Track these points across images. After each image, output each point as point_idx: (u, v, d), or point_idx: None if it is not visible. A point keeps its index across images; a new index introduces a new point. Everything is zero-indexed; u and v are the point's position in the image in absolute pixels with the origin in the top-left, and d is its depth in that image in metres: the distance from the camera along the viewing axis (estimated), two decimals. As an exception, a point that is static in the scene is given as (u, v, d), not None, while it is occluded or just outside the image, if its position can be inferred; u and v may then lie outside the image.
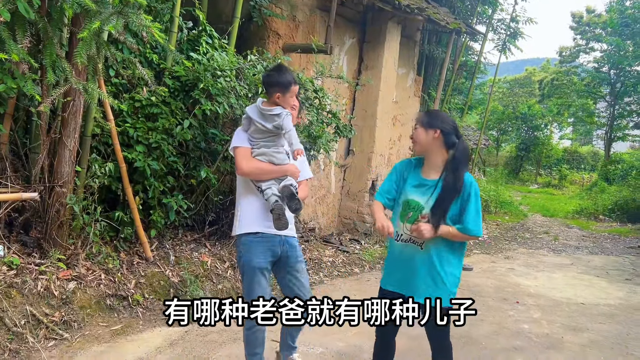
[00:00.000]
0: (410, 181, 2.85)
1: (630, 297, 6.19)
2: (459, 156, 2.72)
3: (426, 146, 2.79)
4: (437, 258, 2.74)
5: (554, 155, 27.60)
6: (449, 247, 2.77)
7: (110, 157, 4.67)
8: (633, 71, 23.18)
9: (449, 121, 2.79)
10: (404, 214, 2.81)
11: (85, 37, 3.23)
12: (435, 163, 2.79)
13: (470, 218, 2.69)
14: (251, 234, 3.01)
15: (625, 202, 14.18)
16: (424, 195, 2.76)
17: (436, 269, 2.74)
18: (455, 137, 2.75)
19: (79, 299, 4.12)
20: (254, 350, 3.16)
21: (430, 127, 2.76)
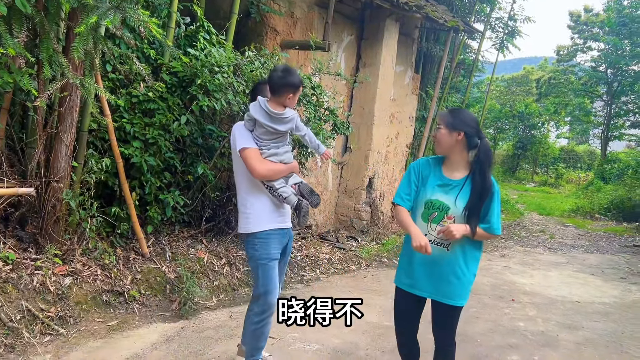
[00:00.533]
0: (432, 181, 2.81)
1: (625, 295, 6.21)
2: (483, 157, 2.71)
3: (449, 148, 2.77)
4: (463, 258, 2.75)
5: (551, 154, 27.62)
6: (473, 246, 2.78)
7: (107, 153, 4.65)
8: (630, 70, 23.19)
9: (472, 122, 2.74)
10: (428, 213, 2.77)
11: (82, 31, 3.21)
12: (458, 163, 2.78)
13: (495, 218, 2.72)
14: (269, 230, 3.15)
15: (621, 201, 14.21)
16: (448, 195, 2.74)
17: (462, 268, 2.76)
18: (478, 138, 2.73)
19: (75, 295, 4.11)
20: (260, 344, 3.31)
21: (454, 129, 2.72)
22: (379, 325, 4.57)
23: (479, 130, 2.75)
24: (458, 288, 2.76)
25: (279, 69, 3.10)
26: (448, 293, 2.76)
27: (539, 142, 26.16)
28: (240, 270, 5.42)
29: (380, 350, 4.05)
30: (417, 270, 2.82)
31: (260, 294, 3.17)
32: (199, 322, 4.37)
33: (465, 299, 2.81)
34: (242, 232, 3.21)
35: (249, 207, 3.17)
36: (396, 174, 9.80)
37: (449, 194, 2.73)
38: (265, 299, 3.17)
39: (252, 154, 3.06)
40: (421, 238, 2.65)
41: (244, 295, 5.13)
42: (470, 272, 2.79)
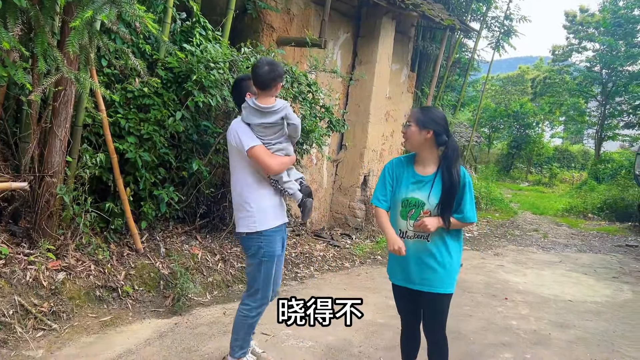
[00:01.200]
0: (406, 179, 2.92)
1: (617, 294, 6.25)
2: (451, 154, 2.82)
3: (418, 145, 2.89)
4: (445, 247, 2.88)
5: (545, 153, 27.72)
6: (451, 235, 2.90)
7: (102, 148, 4.64)
8: (624, 71, 23.30)
9: (441, 121, 2.85)
10: (406, 211, 2.89)
11: (77, 26, 3.20)
12: (428, 159, 2.90)
13: (467, 207, 2.84)
14: (275, 227, 3.19)
15: (614, 201, 14.28)
16: (422, 190, 2.86)
17: (445, 257, 2.87)
18: (446, 135, 2.84)
19: (68, 290, 4.10)
20: (250, 336, 3.42)
21: (424, 127, 2.83)
22: (373, 323, 4.58)
23: (447, 129, 2.87)
24: (443, 276, 2.87)
25: (264, 64, 3.09)
26: (434, 282, 2.87)
27: (533, 142, 26.24)
28: (234, 267, 5.42)
29: (373, 347, 4.06)
30: (405, 266, 2.94)
31: (260, 289, 3.23)
32: (192, 318, 4.37)
33: (452, 287, 2.91)
34: (246, 231, 3.16)
35: (252, 204, 3.15)
36: (391, 172, 9.80)
37: (422, 190, 2.86)
38: (264, 294, 3.25)
39: (262, 151, 3.08)
40: (396, 242, 2.80)
41: (237, 291, 5.13)
42: (454, 261, 2.91)
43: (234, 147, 3.16)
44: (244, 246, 3.27)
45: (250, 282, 3.29)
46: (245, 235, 3.18)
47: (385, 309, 5.01)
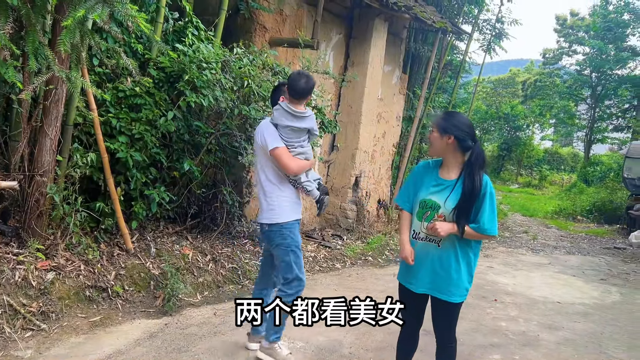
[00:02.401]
0: (427, 182, 2.92)
1: (605, 296, 6.31)
2: (474, 161, 2.78)
3: (441, 150, 2.86)
4: (454, 255, 2.83)
5: (535, 155, 27.93)
6: (466, 245, 2.85)
7: (92, 147, 4.61)
8: (614, 75, 23.56)
9: (464, 126, 2.80)
10: (422, 212, 2.88)
11: (69, 25, 3.18)
12: (452, 164, 2.86)
13: (486, 218, 2.75)
14: (293, 220, 3.52)
15: (603, 204, 14.43)
16: (441, 194, 2.83)
17: (452, 265, 2.83)
18: (471, 141, 2.79)
19: (58, 290, 4.07)
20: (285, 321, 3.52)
21: (445, 132, 2.80)
22: (363, 324, 4.58)
23: (472, 134, 2.81)
24: (450, 284, 2.83)
25: (302, 76, 3.46)
26: (441, 288, 2.85)
27: (523, 144, 26.44)
28: (225, 268, 5.41)
29: (364, 348, 4.07)
30: (414, 266, 2.92)
31: (295, 277, 3.49)
32: (182, 318, 4.35)
33: (460, 296, 2.87)
34: (268, 222, 3.48)
35: (275, 199, 3.49)
36: (382, 173, 9.84)
37: (441, 194, 2.82)
38: (300, 281, 3.52)
39: (283, 153, 3.41)
40: (405, 250, 2.90)
41: (228, 292, 5.13)
42: (464, 271, 2.85)
43: (259, 145, 3.49)
44: (267, 238, 3.56)
45: (285, 274, 3.53)
46: (267, 226, 3.50)
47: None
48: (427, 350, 3.56)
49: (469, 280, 2.89)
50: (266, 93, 5.29)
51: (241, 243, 6.00)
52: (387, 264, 7.24)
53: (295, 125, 3.43)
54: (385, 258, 7.58)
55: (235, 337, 4.04)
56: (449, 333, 2.98)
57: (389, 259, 7.58)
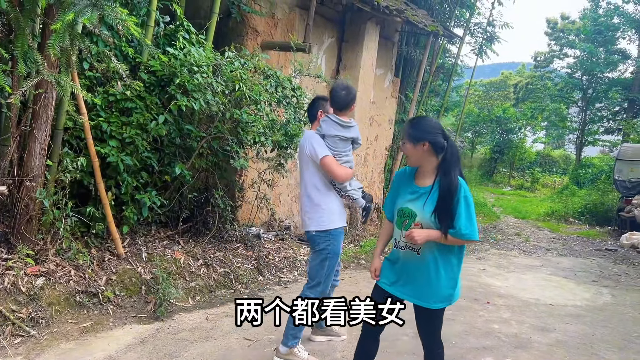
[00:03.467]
0: (404, 190, 2.88)
1: (597, 298, 6.34)
2: (449, 158, 2.71)
3: (418, 160, 2.80)
4: (434, 262, 2.77)
5: (527, 158, 28.05)
6: (446, 250, 2.79)
7: (83, 152, 4.59)
8: (604, 78, 23.74)
9: (435, 129, 2.74)
10: (400, 221, 2.85)
11: (58, 28, 3.16)
12: (427, 170, 2.80)
13: (462, 222, 2.67)
14: (340, 227, 3.69)
15: (594, 206, 14.50)
16: (417, 202, 2.77)
17: (431, 272, 2.78)
18: (444, 139, 2.73)
19: (48, 296, 4.04)
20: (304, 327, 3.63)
21: (418, 141, 2.73)
22: (356, 327, 4.57)
23: (444, 133, 2.75)
24: (430, 291, 2.79)
25: (341, 88, 3.61)
26: (421, 295, 2.82)
27: (515, 147, 26.54)
28: (217, 272, 5.39)
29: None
30: (393, 273, 2.91)
31: (320, 282, 3.65)
32: (174, 323, 4.33)
33: (441, 302, 2.82)
34: (316, 229, 3.62)
35: (323, 206, 3.64)
36: (375, 176, 9.85)
37: (417, 202, 2.77)
38: (323, 288, 3.69)
39: (332, 161, 3.58)
40: (373, 263, 3.06)
41: (220, 296, 5.10)
42: (446, 276, 2.79)
43: (307, 155, 3.64)
44: (313, 242, 3.70)
45: (312, 276, 3.69)
46: (314, 233, 3.65)
47: (368, 313, 5.01)
48: (419, 353, 3.55)
49: (451, 286, 2.82)
50: (257, 96, 5.28)
51: (233, 247, 5.97)
52: (380, 267, 7.22)
53: (343, 134, 3.61)
54: (378, 261, 7.57)
55: (227, 342, 4.02)
56: (432, 339, 2.96)
57: (382, 262, 7.57)
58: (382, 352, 4.04)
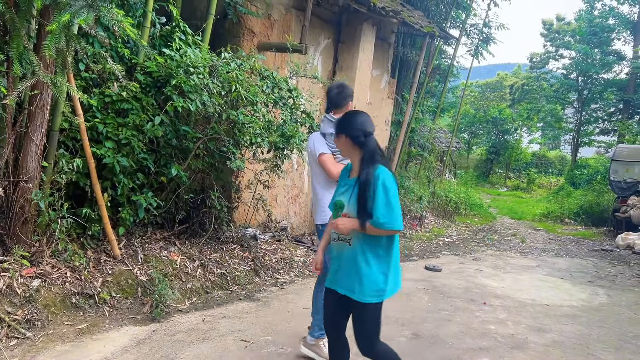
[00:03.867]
0: (340, 184, 3.05)
1: (593, 298, 6.36)
2: (365, 155, 2.83)
3: (346, 152, 2.96)
4: (363, 254, 2.79)
5: (523, 159, 28.16)
6: (373, 242, 2.79)
7: (79, 153, 4.57)
8: (600, 79, 23.84)
9: (355, 124, 2.86)
10: (335, 213, 2.97)
11: (54, 29, 3.16)
12: (355, 163, 2.93)
13: (379, 211, 2.68)
14: None
15: (590, 206, 14.56)
16: (346, 194, 2.89)
17: (363, 264, 2.78)
18: (363, 136, 2.84)
19: (43, 297, 4.02)
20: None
21: (338, 133, 2.93)
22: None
23: (364, 131, 2.84)
24: (361, 284, 2.77)
25: (335, 87, 3.85)
26: (352, 287, 2.80)
27: (511, 147, 26.65)
28: (213, 273, 5.38)
29: (354, 353, 4.04)
30: (333, 267, 2.95)
31: None
32: (170, 325, 4.32)
33: (372, 297, 2.77)
34: (320, 223, 3.81)
35: (324, 201, 3.78)
36: (371, 177, 9.85)
37: (346, 193, 2.89)
38: None
39: (329, 159, 3.75)
40: (316, 257, 3.21)
41: (217, 298, 5.09)
42: (377, 269, 2.79)
43: (311, 153, 3.86)
44: (318, 235, 3.89)
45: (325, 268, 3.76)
46: (320, 226, 3.81)
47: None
48: (416, 354, 3.55)
49: (382, 280, 2.79)
50: (254, 97, 5.28)
51: (230, 248, 5.97)
52: (377, 268, 7.23)
53: None
54: (375, 262, 7.58)
55: (224, 343, 4.01)
56: (365, 341, 2.86)
57: (379, 263, 7.58)
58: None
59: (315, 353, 3.82)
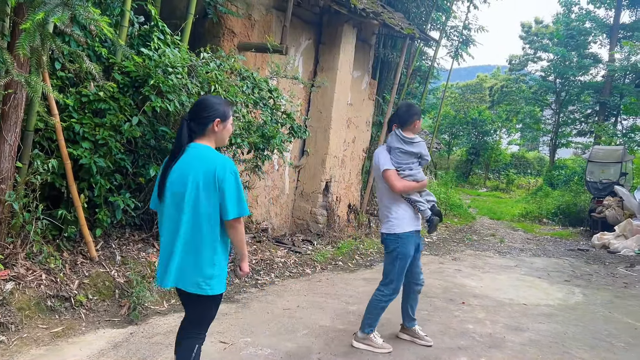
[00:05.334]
0: None
1: (569, 297, 6.46)
2: None
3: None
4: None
5: (502, 159, 28.49)
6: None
7: (54, 153, 4.50)
8: (577, 81, 24.26)
9: (214, 105, 2.80)
10: None
11: (28, 28, 3.10)
12: None
13: None
14: (409, 231, 4.07)
15: (567, 207, 14.79)
16: None
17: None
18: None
19: (17, 300, 3.95)
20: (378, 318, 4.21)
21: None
22: (333, 329, 4.60)
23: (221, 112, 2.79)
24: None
25: (403, 106, 4.19)
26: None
27: (491, 148, 26.95)
28: (193, 274, 5.33)
29: (333, 354, 4.06)
30: None
31: (393, 280, 4.07)
32: (149, 327, 4.27)
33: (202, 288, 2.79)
34: (386, 232, 4.08)
35: (393, 212, 4.06)
36: (352, 178, 9.88)
37: None
38: (397, 285, 4.11)
39: (391, 174, 4.01)
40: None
41: (196, 299, 5.05)
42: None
43: (375, 167, 4.12)
44: (384, 244, 4.14)
45: (386, 273, 4.14)
46: (385, 235, 4.09)
47: (345, 314, 5.03)
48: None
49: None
50: (234, 98, 5.25)
51: (209, 249, 5.92)
52: (357, 269, 7.26)
53: (404, 148, 4.03)
54: (355, 262, 7.60)
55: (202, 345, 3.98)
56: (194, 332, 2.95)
57: (359, 263, 7.61)
58: (354, 354, 4.06)
59: (368, 345, 4.15)
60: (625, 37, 22.35)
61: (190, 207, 2.68)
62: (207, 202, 2.66)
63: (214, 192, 2.65)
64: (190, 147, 2.76)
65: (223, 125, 2.81)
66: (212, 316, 2.92)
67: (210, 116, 2.75)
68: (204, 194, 2.66)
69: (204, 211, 2.67)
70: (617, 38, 22.23)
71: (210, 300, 2.80)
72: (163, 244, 2.83)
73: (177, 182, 2.71)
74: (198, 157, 2.71)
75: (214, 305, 2.87)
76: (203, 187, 2.66)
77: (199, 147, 2.76)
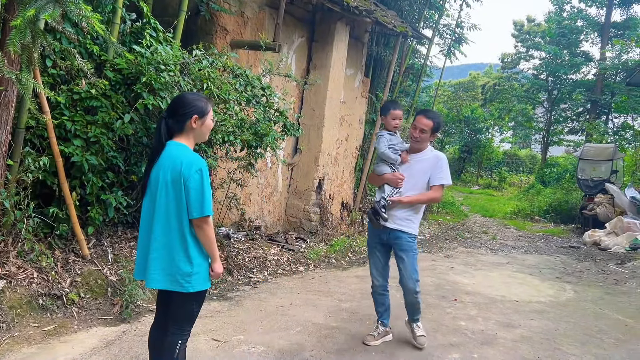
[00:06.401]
0: None
1: (560, 294, 6.51)
2: None
3: None
4: None
5: (495, 157, 28.57)
6: None
7: (46, 151, 4.47)
8: (568, 79, 24.39)
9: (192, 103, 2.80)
10: None
11: (19, 24, 3.08)
12: None
13: None
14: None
15: (559, 204, 14.87)
16: None
17: None
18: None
19: (9, 299, 3.93)
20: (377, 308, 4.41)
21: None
22: (325, 326, 4.61)
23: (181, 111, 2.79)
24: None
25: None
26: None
27: (483, 146, 26.99)
28: (185, 272, 5.32)
29: (326, 351, 4.07)
30: None
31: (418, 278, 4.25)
32: (141, 325, 4.27)
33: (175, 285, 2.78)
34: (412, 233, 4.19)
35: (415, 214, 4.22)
36: (345, 175, 9.90)
37: None
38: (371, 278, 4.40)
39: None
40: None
41: (189, 297, 5.04)
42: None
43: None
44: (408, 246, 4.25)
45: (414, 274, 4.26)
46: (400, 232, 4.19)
47: (337, 312, 5.05)
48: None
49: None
50: (226, 95, 5.24)
51: (202, 247, 5.91)
52: (350, 266, 7.28)
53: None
54: (348, 260, 7.62)
55: (194, 343, 3.98)
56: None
57: (352, 261, 7.62)
58: (347, 351, 4.07)
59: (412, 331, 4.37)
60: (616, 35, 22.51)
61: (161, 205, 2.70)
62: (175, 200, 2.68)
63: (180, 190, 2.66)
64: (167, 145, 2.78)
65: (201, 121, 2.81)
66: (195, 313, 2.91)
67: (187, 113, 2.76)
68: (172, 192, 2.68)
69: (172, 209, 2.68)
70: (609, 36, 22.38)
71: (191, 298, 2.80)
72: (139, 240, 2.87)
73: (154, 180, 2.75)
74: (170, 156, 2.73)
75: (195, 302, 2.86)
76: (171, 186, 2.68)
77: (173, 145, 2.78)
